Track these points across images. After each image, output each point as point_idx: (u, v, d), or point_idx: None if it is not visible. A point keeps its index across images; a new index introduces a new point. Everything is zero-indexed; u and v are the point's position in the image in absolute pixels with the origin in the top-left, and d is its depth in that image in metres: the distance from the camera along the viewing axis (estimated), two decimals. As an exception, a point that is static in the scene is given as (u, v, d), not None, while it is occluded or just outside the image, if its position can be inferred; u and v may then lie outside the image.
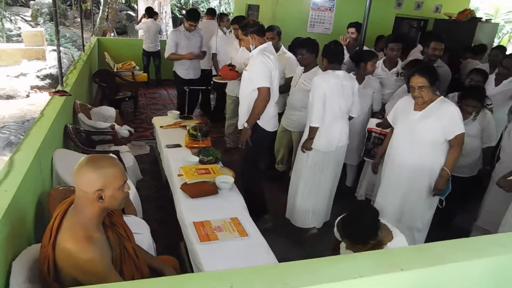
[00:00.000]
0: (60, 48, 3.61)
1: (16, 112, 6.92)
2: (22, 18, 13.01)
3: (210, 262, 2.06)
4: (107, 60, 7.52)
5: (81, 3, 8.32)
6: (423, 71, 2.68)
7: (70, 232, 1.49)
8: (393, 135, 2.98)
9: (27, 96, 7.82)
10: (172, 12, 15.00)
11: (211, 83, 5.56)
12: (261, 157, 3.50)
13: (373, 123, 3.68)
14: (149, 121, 5.96)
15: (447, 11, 7.93)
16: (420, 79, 2.64)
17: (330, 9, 7.87)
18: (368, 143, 3.70)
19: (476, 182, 3.54)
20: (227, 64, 4.81)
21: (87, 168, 1.50)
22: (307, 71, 3.53)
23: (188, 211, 2.52)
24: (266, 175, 3.97)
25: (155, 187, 3.99)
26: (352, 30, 4.78)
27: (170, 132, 3.90)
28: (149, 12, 8.19)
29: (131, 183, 2.95)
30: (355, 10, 6.63)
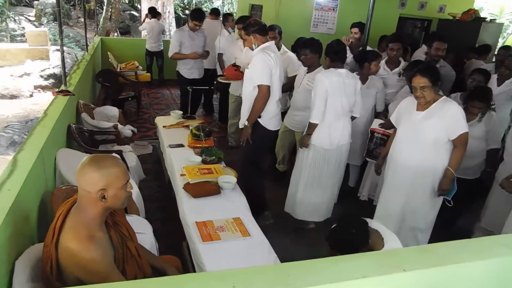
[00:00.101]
0: (64, 48, 3.62)
1: (20, 111, 6.95)
2: (26, 18, 13.07)
3: (212, 262, 2.06)
4: (110, 60, 7.54)
5: (84, 3, 8.34)
6: (424, 71, 2.67)
7: (73, 232, 1.49)
8: (396, 135, 2.98)
9: (31, 96, 7.84)
10: (175, 12, 15.02)
11: (214, 82, 5.57)
12: (262, 156, 3.49)
13: (376, 124, 3.67)
14: (152, 121, 5.97)
15: (451, 11, 7.90)
16: (422, 79, 2.63)
17: (333, 9, 7.85)
18: (370, 144, 3.70)
19: (479, 183, 3.52)
20: (232, 64, 4.82)
21: (90, 167, 1.51)
22: (311, 71, 3.53)
23: (191, 211, 2.52)
24: (267, 174, 3.96)
25: (157, 187, 4.00)
26: (355, 30, 4.77)
27: (173, 132, 3.91)
28: (152, 12, 8.20)
29: (133, 182, 2.96)
30: (358, 10, 6.63)
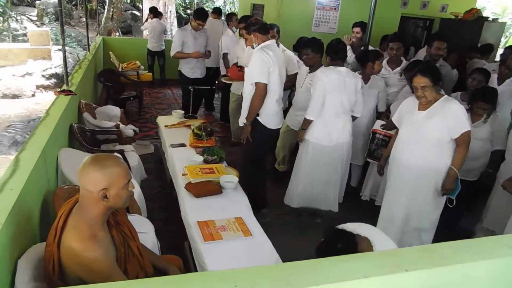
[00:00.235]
0: (66, 48, 3.63)
1: (22, 111, 6.96)
2: (28, 18, 13.10)
3: (214, 262, 2.06)
4: (112, 59, 7.55)
5: (86, 3, 8.35)
6: (425, 71, 2.66)
7: (75, 231, 1.49)
8: (398, 136, 2.97)
9: (33, 96, 7.86)
10: (177, 12, 15.03)
11: (216, 82, 5.58)
12: (262, 155, 3.50)
13: (378, 125, 3.67)
14: (153, 120, 5.97)
15: (453, 10, 7.88)
16: (423, 79, 2.62)
17: (335, 9, 7.85)
18: (371, 145, 3.69)
19: (482, 184, 3.50)
20: (234, 64, 4.83)
21: (91, 167, 1.51)
22: (313, 71, 3.53)
23: (192, 210, 2.52)
24: (267, 173, 3.96)
25: (159, 186, 4.00)
26: (357, 29, 4.76)
27: (174, 132, 3.91)
28: (154, 12, 8.21)
29: (135, 182, 2.96)
30: (360, 10, 6.62)
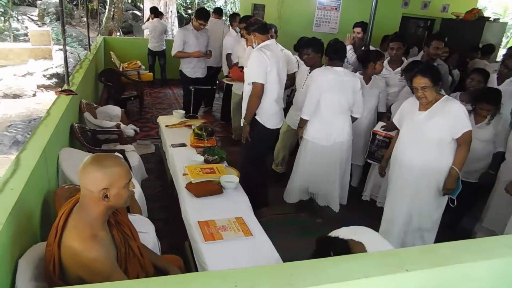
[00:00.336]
0: (67, 48, 3.64)
1: (23, 111, 6.97)
2: (29, 17, 13.12)
3: (214, 262, 2.06)
4: (113, 59, 7.56)
5: (87, 3, 8.35)
6: (425, 71, 2.65)
7: (75, 231, 1.50)
8: (399, 136, 2.96)
9: (34, 95, 7.87)
10: (178, 12, 15.04)
11: (217, 82, 5.59)
12: (262, 154, 3.50)
13: (379, 127, 3.66)
14: (154, 120, 5.98)
15: (454, 10, 7.88)
16: (423, 80, 2.62)
17: (336, 9, 7.85)
18: (372, 146, 3.69)
19: (482, 184, 3.48)
20: (235, 63, 4.83)
21: (92, 167, 1.51)
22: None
23: (193, 210, 2.52)
24: (267, 173, 3.97)
25: (160, 186, 4.00)
26: (358, 29, 4.76)
27: (175, 132, 3.91)
28: (155, 12, 8.21)
29: (136, 182, 2.96)
30: (361, 10, 6.62)
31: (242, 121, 3.30)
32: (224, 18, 6.41)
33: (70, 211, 1.57)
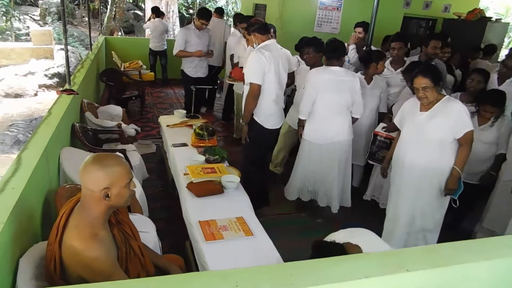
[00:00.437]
0: (68, 47, 3.63)
1: (24, 110, 6.99)
2: (31, 17, 13.13)
3: (215, 261, 2.06)
4: (114, 59, 7.56)
5: (88, 3, 8.35)
6: (425, 71, 2.64)
7: (76, 230, 1.50)
8: (400, 137, 2.95)
9: (35, 95, 7.88)
10: (179, 12, 15.04)
11: (218, 81, 5.59)
12: (262, 155, 3.50)
13: (380, 127, 3.65)
14: (155, 120, 5.99)
15: (456, 10, 7.87)
16: (424, 80, 2.61)
17: (337, 9, 7.85)
18: (373, 147, 3.68)
19: (484, 185, 3.46)
20: (236, 63, 4.83)
21: (93, 166, 1.51)
22: (313, 70, 3.53)
23: (194, 210, 2.52)
24: (267, 172, 3.97)
25: (161, 186, 4.00)
26: (359, 29, 4.75)
27: (176, 131, 3.91)
28: (156, 12, 8.22)
29: (137, 181, 2.96)
30: (362, 10, 6.63)
31: (240, 122, 3.32)
32: (225, 18, 6.41)
33: (71, 210, 1.57)
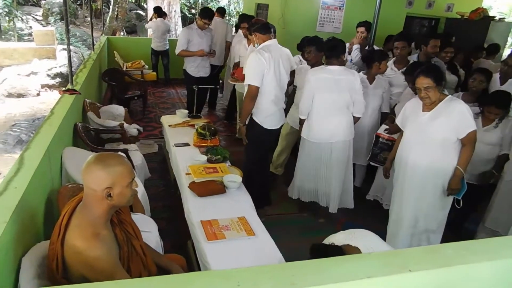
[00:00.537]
0: (70, 47, 3.64)
1: (27, 110, 7.01)
2: (33, 17, 13.19)
3: (217, 261, 2.06)
4: (116, 59, 7.57)
5: (91, 3, 8.37)
6: (427, 71, 2.63)
7: (78, 230, 1.50)
8: (403, 138, 2.94)
9: (38, 95, 7.91)
10: (182, 11, 15.06)
11: (220, 81, 5.60)
12: (262, 155, 3.50)
13: (383, 129, 3.64)
14: (157, 120, 5.98)
15: (459, 10, 7.85)
16: (426, 80, 2.60)
17: (339, 8, 7.83)
18: (374, 148, 3.66)
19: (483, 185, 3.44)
20: (236, 62, 4.82)
21: (95, 166, 1.51)
22: (314, 70, 3.53)
23: (196, 209, 2.52)
24: (269, 172, 3.96)
25: (163, 185, 4.01)
26: (362, 29, 4.73)
27: (178, 131, 3.91)
28: (158, 12, 8.22)
29: (139, 181, 2.97)
30: (365, 9, 6.60)
31: (238, 122, 3.33)
32: (228, 18, 6.41)
33: (73, 210, 1.57)
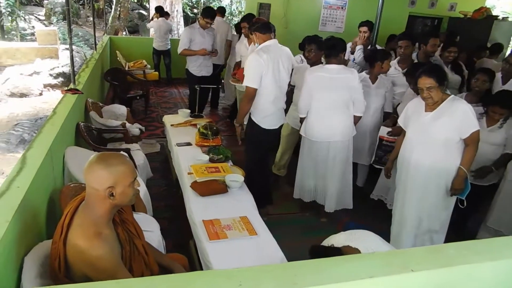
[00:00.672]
0: (73, 47, 3.65)
1: (29, 110, 7.02)
2: (36, 17, 13.22)
3: (219, 261, 2.06)
4: (118, 58, 7.59)
5: (93, 2, 8.40)
6: (429, 71, 2.61)
7: (80, 229, 1.50)
8: (405, 138, 2.92)
9: (40, 94, 7.93)
10: (184, 11, 15.06)
11: (222, 81, 5.60)
12: (262, 155, 3.50)
13: (384, 132, 3.62)
14: (160, 119, 5.99)
15: (462, 9, 7.82)
16: (428, 80, 2.58)
17: (342, 8, 7.82)
18: (379, 151, 3.64)
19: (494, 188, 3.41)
20: (238, 62, 4.82)
21: (97, 165, 1.51)
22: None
23: (198, 209, 2.52)
24: (270, 172, 3.96)
25: (165, 185, 4.01)
26: (364, 29, 4.71)
27: (180, 131, 3.92)
28: (160, 11, 8.23)
29: (141, 180, 2.97)
30: (367, 9, 6.59)
31: (234, 122, 3.37)
32: (230, 18, 6.41)
33: (75, 209, 1.58)
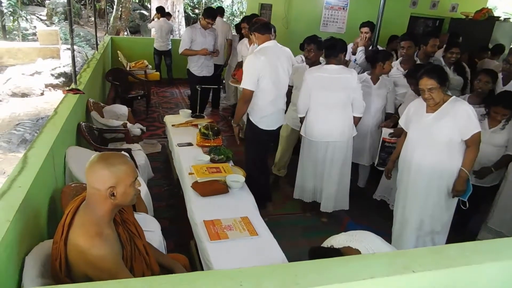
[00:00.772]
0: (74, 47, 3.65)
1: (31, 109, 7.03)
2: (38, 17, 13.25)
3: (220, 261, 2.06)
4: (120, 59, 7.59)
5: (95, 3, 8.40)
6: (431, 72, 2.60)
7: (81, 229, 1.50)
8: (406, 139, 2.91)
9: (42, 94, 7.94)
10: (185, 11, 15.07)
11: (223, 81, 5.61)
12: (261, 155, 3.50)
13: (386, 134, 3.62)
14: (161, 119, 6.00)
15: (463, 10, 7.80)
16: (429, 81, 2.57)
17: (343, 8, 7.81)
18: (382, 154, 3.63)
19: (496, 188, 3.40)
20: (239, 62, 4.82)
21: (98, 165, 1.51)
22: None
23: (199, 209, 2.53)
24: (269, 172, 3.96)
25: (166, 185, 4.01)
26: (365, 29, 4.71)
27: (181, 131, 3.92)
28: (161, 11, 8.23)
29: (142, 181, 2.97)
30: (369, 9, 6.59)
31: (232, 122, 3.39)
32: (231, 18, 6.41)
33: (76, 209, 1.58)
